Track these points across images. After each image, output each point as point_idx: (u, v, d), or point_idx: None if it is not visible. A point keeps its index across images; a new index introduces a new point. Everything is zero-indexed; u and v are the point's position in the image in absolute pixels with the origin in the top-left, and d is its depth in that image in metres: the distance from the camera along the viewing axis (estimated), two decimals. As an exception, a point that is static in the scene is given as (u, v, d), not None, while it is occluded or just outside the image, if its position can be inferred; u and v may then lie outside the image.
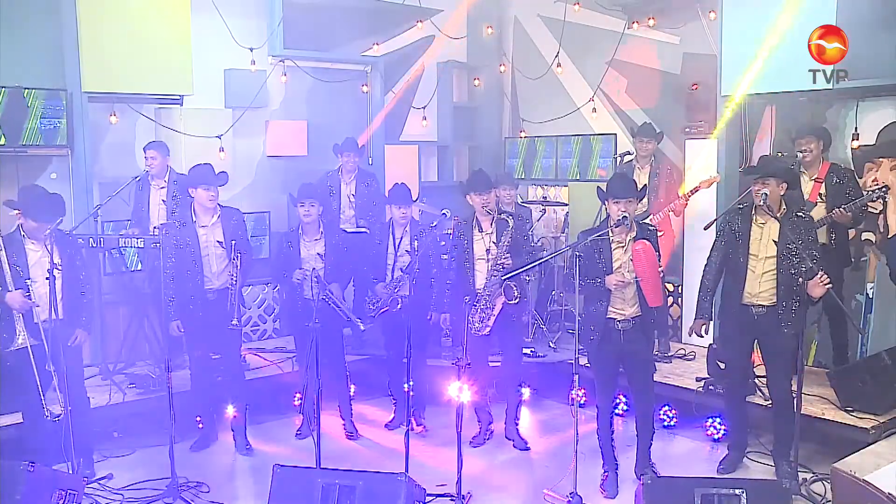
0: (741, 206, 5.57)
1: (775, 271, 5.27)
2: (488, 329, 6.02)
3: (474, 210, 6.09)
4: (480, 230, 6.07)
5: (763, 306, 5.34)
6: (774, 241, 5.24)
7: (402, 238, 6.42)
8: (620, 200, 5.20)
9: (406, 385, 5.35)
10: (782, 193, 5.31)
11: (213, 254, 5.98)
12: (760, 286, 5.33)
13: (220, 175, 5.98)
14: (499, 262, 5.94)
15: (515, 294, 5.95)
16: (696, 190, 6.90)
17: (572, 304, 5.29)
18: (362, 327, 5.97)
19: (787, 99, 7.09)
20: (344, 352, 6.52)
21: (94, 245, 6.57)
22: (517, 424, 6.35)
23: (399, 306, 6.34)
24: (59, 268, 5.39)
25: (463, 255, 6.09)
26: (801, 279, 5.14)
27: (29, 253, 5.37)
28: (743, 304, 5.39)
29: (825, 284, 5.01)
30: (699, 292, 5.63)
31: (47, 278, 5.21)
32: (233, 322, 5.92)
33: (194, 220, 5.98)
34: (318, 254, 6.19)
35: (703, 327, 5.55)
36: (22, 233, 5.37)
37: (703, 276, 5.63)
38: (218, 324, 6.01)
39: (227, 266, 5.99)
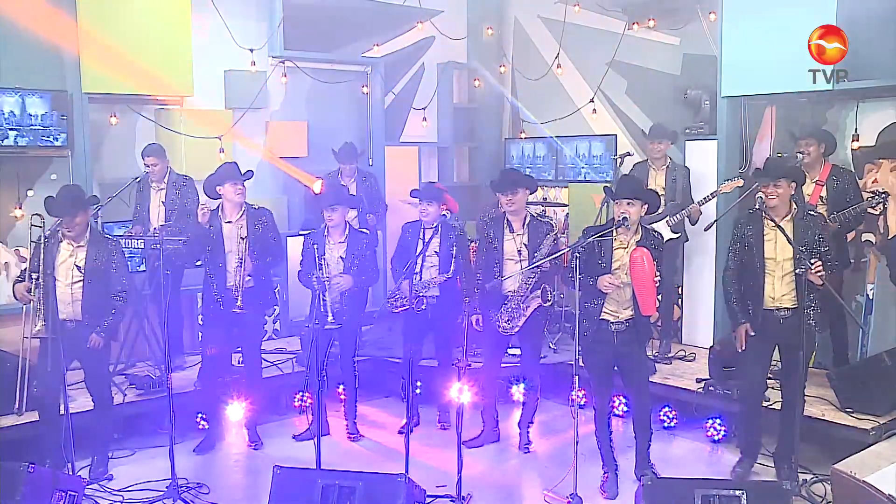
0: (751, 211, 5.53)
1: (794, 273, 5.23)
2: (517, 329, 5.96)
3: (504, 210, 6.01)
4: (511, 230, 5.98)
5: (787, 309, 5.30)
6: (790, 243, 5.22)
7: (431, 238, 6.28)
8: (622, 201, 5.20)
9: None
10: (792, 193, 5.30)
11: (235, 250, 6.01)
12: (781, 289, 5.29)
13: (247, 172, 6.10)
14: (536, 266, 5.83)
15: (550, 296, 5.95)
16: (715, 194, 6.86)
17: (573, 306, 5.27)
18: (330, 319, 5.96)
19: (788, 100, 7.10)
20: (355, 353, 6.51)
21: (126, 254, 6.58)
22: (530, 426, 6.32)
23: (423, 307, 6.24)
24: (82, 271, 5.47)
25: (492, 254, 6.03)
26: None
27: (61, 251, 5.46)
28: (766, 310, 5.34)
29: (817, 272, 4.99)
30: (726, 302, 5.57)
31: (65, 279, 5.24)
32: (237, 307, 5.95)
33: (220, 216, 6.06)
34: (341, 257, 6.20)
35: (747, 329, 5.41)
36: (60, 232, 5.47)
37: (724, 285, 5.57)
38: (241, 321, 6.07)
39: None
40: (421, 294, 6.27)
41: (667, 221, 6.96)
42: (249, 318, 6.14)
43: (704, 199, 6.91)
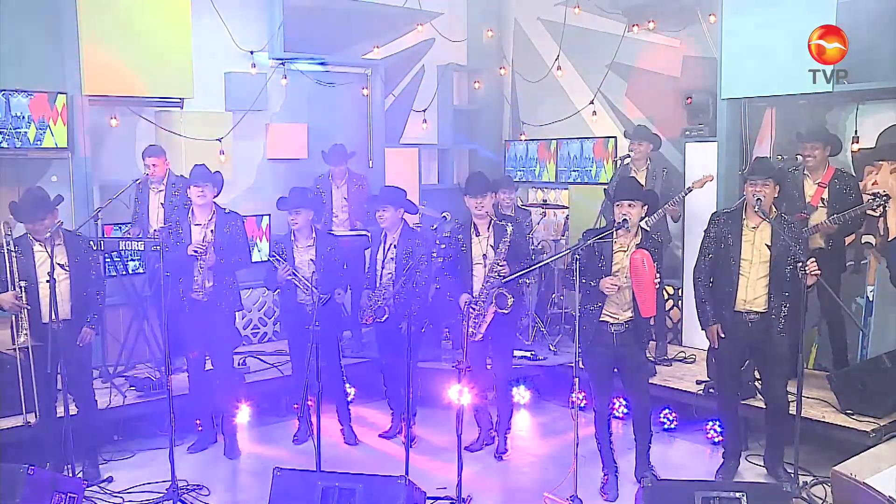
0: (729, 210, 5.54)
1: (769, 276, 5.24)
2: (480, 336, 5.88)
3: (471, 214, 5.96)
4: (477, 234, 5.93)
5: (756, 313, 5.30)
6: (767, 246, 5.21)
7: (391, 245, 6.23)
8: (622, 203, 5.20)
9: (404, 391, 5.33)
10: (776, 196, 5.30)
11: (201, 251, 5.96)
12: (754, 292, 5.29)
13: (215, 174, 6.08)
14: (494, 270, 5.78)
15: (508, 303, 5.79)
16: (688, 191, 6.88)
17: (572, 307, 5.27)
18: (326, 297, 5.90)
19: (787, 102, 7.10)
20: (340, 356, 6.48)
21: (95, 248, 6.56)
22: (507, 433, 6.20)
23: (386, 316, 6.15)
24: (66, 269, 5.45)
25: (460, 258, 5.95)
26: (795, 283, 5.09)
27: (36, 254, 5.42)
28: (736, 311, 5.35)
29: (812, 273, 4.97)
30: (696, 302, 5.57)
31: (48, 280, 5.21)
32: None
33: (190, 219, 6.07)
34: (311, 259, 6.18)
35: (718, 330, 5.42)
36: (30, 235, 5.42)
37: (695, 285, 5.56)
38: (208, 325, 6.04)
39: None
40: (381, 304, 6.16)
41: (645, 222, 6.95)
42: (216, 321, 6.09)
43: (677, 198, 6.92)
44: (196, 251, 5.91)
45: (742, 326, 5.35)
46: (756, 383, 6.05)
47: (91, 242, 5.98)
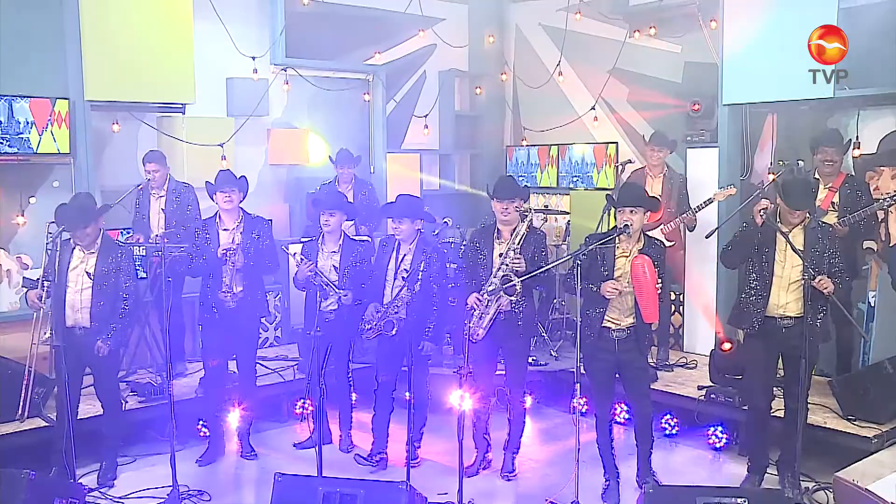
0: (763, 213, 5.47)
1: (801, 281, 5.18)
2: (483, 331, 5.61)
3: (495, 218, 5.74)
4: (499, 238, 5.73)
5: (790, 318, 5.24)
6: (799, 253, 5.11)
7: (404, 256, 6.02)
8: (624, 209, 5.20)
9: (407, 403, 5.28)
10: None
11: (229, 257, 5.97)
12: (787, 296, 5.24)
13: (240, 179, 6.10)
14: (509, 264, 5.52)
15: (517, 289, 5.52)
16: (709, 202, 6.86)
17: (574, 313, 5.25)
18: (347, 295, 5.94)
19: (789, 108, 7.11)
20: (349, 363, 6.43)
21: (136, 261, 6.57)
22: (515, 454, 5.99)
23: (395, 330, 5.91)
24: (91, 277, 5.50)
25: (478, 264, 5.74)
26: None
27: (73, 259, 5.50)
28: (768, 317, 5.28)
29: (821, 283, 4.97)
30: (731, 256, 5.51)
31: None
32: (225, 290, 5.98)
33: (217, 223, 6.08)
34: (334, 266, 6.14)
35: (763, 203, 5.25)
36: (72, 240, 5.51)
37: (723, 257, 5.55)
38: (236, 329, 6.06)
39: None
40: (391, 317, 5.92)
41: (661, 229, 6.96)
42: (243, 325, 6.12)
43: (699, 206, 6.92)
44: (225, 253, 5.92)
45: (776, 332, 5.29)
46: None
47: (135, 250, 6.04)
